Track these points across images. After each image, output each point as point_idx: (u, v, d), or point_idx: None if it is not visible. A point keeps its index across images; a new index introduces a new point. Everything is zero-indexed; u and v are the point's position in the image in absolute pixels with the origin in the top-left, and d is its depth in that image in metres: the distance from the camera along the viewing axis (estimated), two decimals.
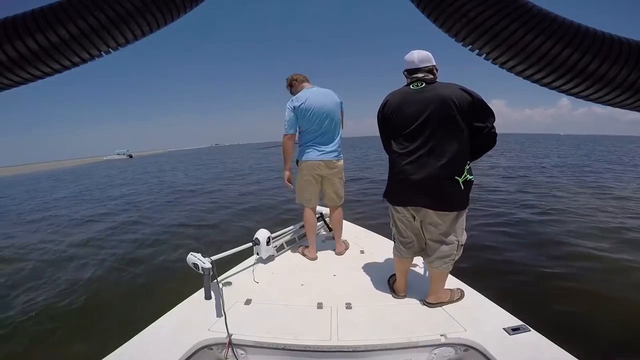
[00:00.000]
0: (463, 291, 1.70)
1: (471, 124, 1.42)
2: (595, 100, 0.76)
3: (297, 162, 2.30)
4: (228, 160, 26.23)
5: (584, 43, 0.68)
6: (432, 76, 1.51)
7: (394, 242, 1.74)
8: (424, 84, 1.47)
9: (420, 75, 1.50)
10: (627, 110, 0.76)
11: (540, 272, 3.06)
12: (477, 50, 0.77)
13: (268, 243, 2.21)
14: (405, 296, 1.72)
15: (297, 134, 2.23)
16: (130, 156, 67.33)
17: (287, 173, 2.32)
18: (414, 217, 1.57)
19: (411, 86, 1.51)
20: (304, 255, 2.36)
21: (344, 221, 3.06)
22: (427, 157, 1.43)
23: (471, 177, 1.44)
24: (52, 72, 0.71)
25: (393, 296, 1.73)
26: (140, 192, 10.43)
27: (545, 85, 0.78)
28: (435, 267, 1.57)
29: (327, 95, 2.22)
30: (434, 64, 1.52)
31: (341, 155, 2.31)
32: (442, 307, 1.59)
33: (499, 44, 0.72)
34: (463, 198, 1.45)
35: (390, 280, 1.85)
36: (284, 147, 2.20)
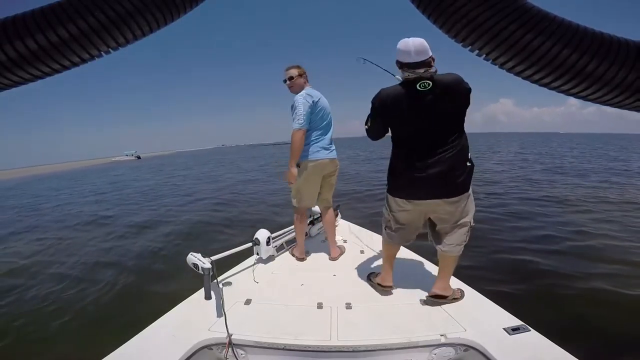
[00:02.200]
0: (463, 291, 1.70)
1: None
2: (594, 101, 0.76)
3: (298, 164, 2.15)
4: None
5: (582, 43, 0.68)
6: (433, 70, 1.45)
7: (385, 229, 1.77)
8: (430, 84, 1.42)
9: (421, 70, 1.43)
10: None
11: (540, 270, 3.06)
12: (477, 51, 0.78)
13: (268, 243, 2.22)
14: (392, 287, 1.75)
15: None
16: (139, 157, 67.01)
17: (293, 170, 2.11)
18: (421, 211, 1.61)
19: (418, 86, 1.43)
20: (293, 255, 2.37)
21: (344, 221, 3.06)
22: (442, 151, 1.47)
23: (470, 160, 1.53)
24: (52, 72, 0.71)
25: (382, 292, 1.75)
26: None
27: (544, 85, 0.78)
28: (446, 250, 1.61)
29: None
30: (431, 54, 1.44)
31: None
32: (442, 307, 1.59)
33: (499, 45, 0.72)
34: (469, 180, 1.53)
35: (371, 277, 1.88)
36: (295, 141, 2.04)
